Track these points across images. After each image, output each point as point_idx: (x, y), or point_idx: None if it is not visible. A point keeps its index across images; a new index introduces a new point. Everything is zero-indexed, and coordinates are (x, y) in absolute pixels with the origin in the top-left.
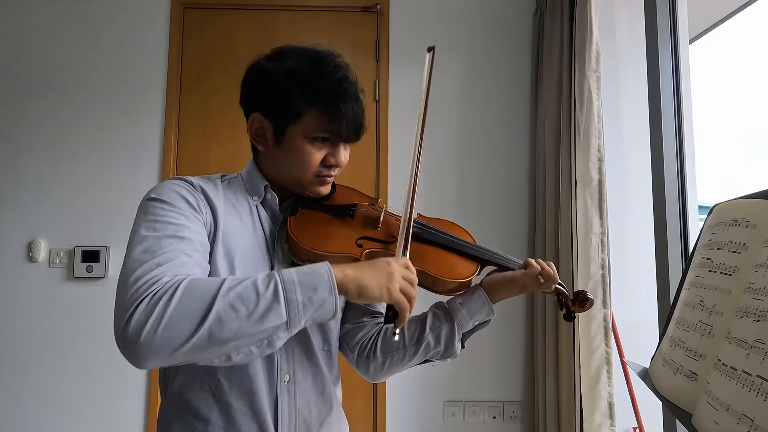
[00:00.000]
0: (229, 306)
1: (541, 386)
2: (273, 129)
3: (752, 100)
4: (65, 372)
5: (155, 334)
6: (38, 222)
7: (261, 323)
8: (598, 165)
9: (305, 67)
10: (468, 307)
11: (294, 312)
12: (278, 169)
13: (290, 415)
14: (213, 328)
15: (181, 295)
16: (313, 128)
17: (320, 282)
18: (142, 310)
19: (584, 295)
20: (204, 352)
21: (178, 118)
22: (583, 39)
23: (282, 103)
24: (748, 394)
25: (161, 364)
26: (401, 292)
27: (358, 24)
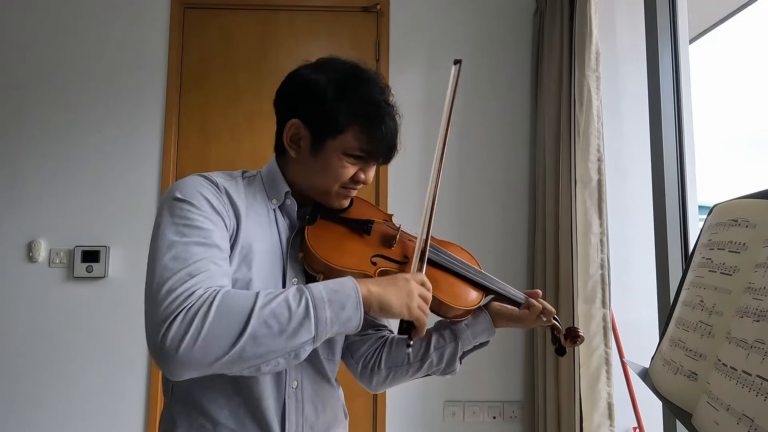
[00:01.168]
0: (264, 323)
1: (541, 386)
2: (311, 138)
3: (752, 100)
4: (65, 372)
5: (192, 350)
6: (38, 222)
7: (292, 339)
8: (598, 165)
9: (353, 84)
10: (473, 329)
11: (322, 328)
12: (306, 177)
13: (297, 421)
14: (247, 345)
15: (217, 310)
16: (351, 146)
17: (348, 300)
18: (178, 323)
19: (575, 332)
20: (236, 366)
21: (178, 118)
22: (583, 39)
23: (326, 116)
24: (748, 394)
25: (195, 375)
26: (418, 308)
27: (358, 24)
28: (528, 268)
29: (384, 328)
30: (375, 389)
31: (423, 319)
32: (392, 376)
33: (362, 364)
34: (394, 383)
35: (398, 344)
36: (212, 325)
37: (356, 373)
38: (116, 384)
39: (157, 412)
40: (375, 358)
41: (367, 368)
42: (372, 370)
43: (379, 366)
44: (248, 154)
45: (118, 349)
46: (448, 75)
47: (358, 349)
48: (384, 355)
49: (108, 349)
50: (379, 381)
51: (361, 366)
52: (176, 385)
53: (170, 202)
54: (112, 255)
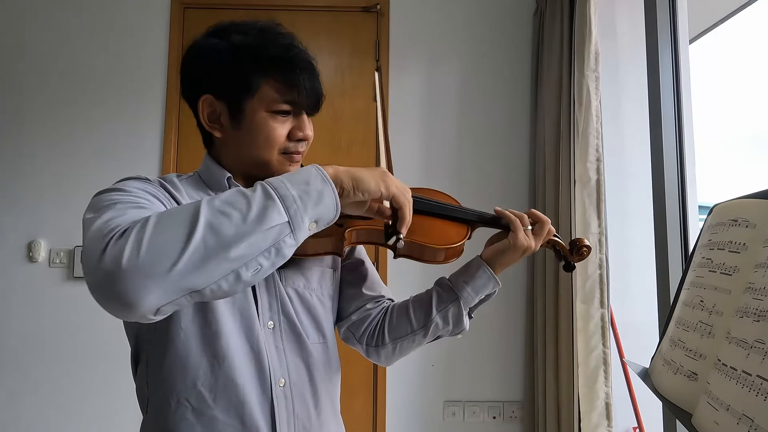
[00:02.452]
0: (218, 211)
1: (541, 386)
2: (228, 109)
3: (752, 100)
4: (65, 372)
5: (138, 258)
6: (38, 222)
7: (260, 223)
8: (597, 165)
9: (252, 38)
10: (473, 284)
11: (293, 208)
12: (241, 154)
13: (289, 423)
14: (206, 237)
15: (158, 217)
16: (272, 99)
17: (310, 175)
18: (115, 240)
19: (581, 242)
20: (203, 269)
21: (178, 118)
22: (583, 39)
23: (234, 79)
24: (748, 394)
25: (157, 296)
26: (397, 187)
27: (358, 24)
28: (527, 267)
29: (382, 299)
30: (387, 363)
31: (402, 197)
32: (399, 347)
33: (366, 341)
34: (404, 353)
35: (399, 315)
36: (155, 227)
37: (363, 351)
38: (116, 384)
39: None
40: (378, 332)
41: (372, 344)
42: (377, 345)
43: (383, 340)
44: None
45: (118, 349)
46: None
47: (360, 327)
48: (387, 328)
49: (108, 349)
50: (387, 354)
51: (366, 343)
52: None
53: (93, 199)
54: None
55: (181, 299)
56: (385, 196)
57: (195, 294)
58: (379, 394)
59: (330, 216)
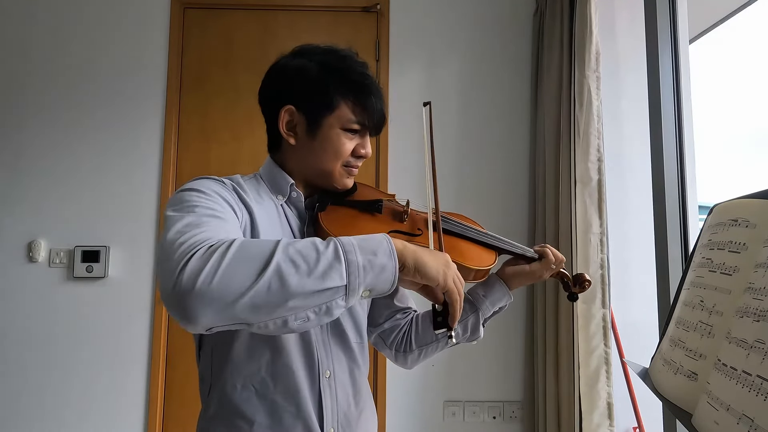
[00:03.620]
0: (289, 259)
1: (541, 386)
2: (307, 121)
3: (752, 99)
4: (65, 372)
5: (211, 283)
6: (38, 222)
7: (322, 281)
8: (598, 165)
9: (335, 61)
10: (491, 297)
11: (354, 275)
12: (308, 162)
13: (333, 410)
14: (272, 282)
15: (238, 248)
16: (347, 119)
17: (379, 247)
18: (197, 259)
19: (583, 277)
20: (260, 310)
21: (178, 118)
22: (583, 39)
23: (317, 95)
24: (748, 394)
25: (214, 320)
26: (454, 281)
27: (358, 24)
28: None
29: (409, 310)
30: (411, 366)
31: (455, 293)
32: (424, 353)
33: (395, 348)
34: (427, 357)
35: (424, 323)
36: (233, 259)
37: (391, 357)
38: (116, 384)
39: (157, 411)
40: (406, 340)
41: (400, 350)
42: (405, 351)
43: (410, 347)
44: (248, 154)
45: (118, 349)
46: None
47: (390, 335)
48: (413, 336)
49: (108, 349)
50: (413, 359)
51: (395, 350)
52: (212, 389)
53: (177, 195)
54: (112, 255)
55: (232, 325)
56: (442, 287)
57: (244, 325)
58: (379, 394)
59: (385, 289)
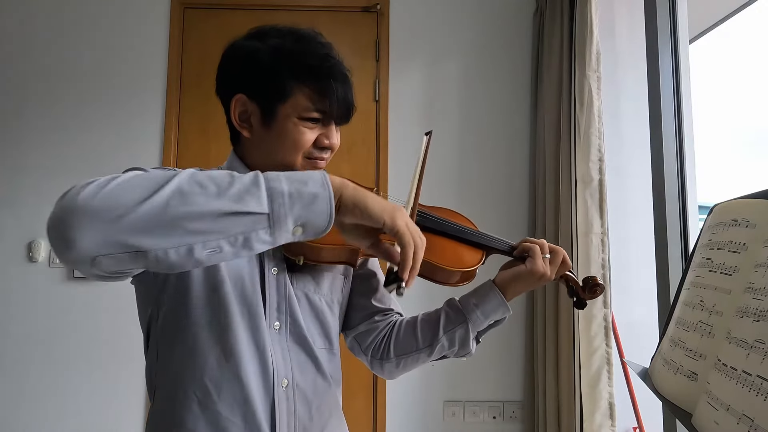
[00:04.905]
0: (195, 182)
1: (541, 386)
2: (260, 111)
3: (752, 100)
4: (65, 372)
5: (93, 198)
6: (38, 222)
7: (235, 204)
8: (599, 165)
9: (291, 44)
10: (483, 307)
11: (279, 203)
12: (266, 155)
13: (289, 424)
14: (170, 200)
15: (132, 175)
16: (304, 107)
17: (310, 177)
18: (84, 184)
19: (594, 281)
20: (154, 231)
21: (178, 117)
22: (584, 39)
23: (270, 82)
24: (748, 394)
25: (96, 241)
26: (406, 224)
27: (358, 24)
28: None
29: (391, 312)
30: (390, 376)
31: (409, 237)
32: (403, 364)
33: (372, 354)
34: (408, 369)
35: (406, 331)
36: (129, 179)
37: (367, 363)
38: (116, 384)
39: None
40: (384, 346)
41: (377, 357)
42: (382, 359)
43: (388, 354)
44: None
45: (118, 349)
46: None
47: (366, 339)
48: (392, 343)
49: (108, 349)
50: (391, 368)
51: (371, 355)
52: (156, 394)
53: None
54: None
55: (122, 255)
56: (388, 227)
57: (139, 256)
58: (379, 394)
59: (321, 224)
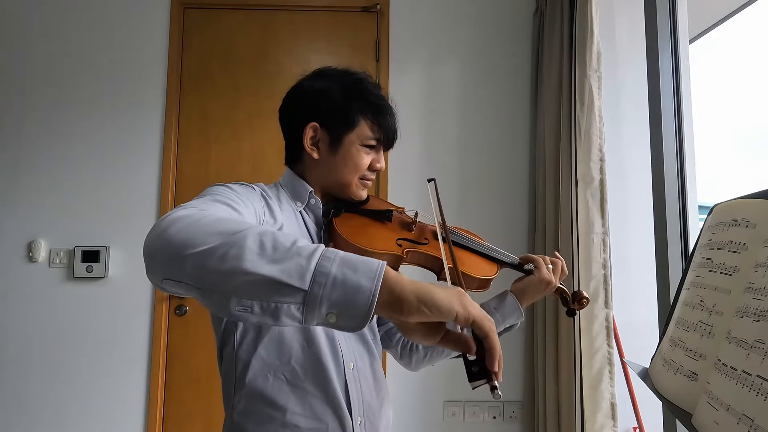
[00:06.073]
0: (259, 239)
1: (541, 386)
2: (329, 138)
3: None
4: (65, 371)
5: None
6: (38, 222)
7: (279, 272)
8: (600, 165)
9: (354, 83)
10: (502, 311)
11: (320, 284)
12: (328, 175)
13: (358, 399)
14: (230, 250)
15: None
16: (366, 136)
17: (364, 266)
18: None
19: (581, 294)
20: (208, 274)
21: (178, 118)
22: (584, 39)
23: (340, 114)
24: (748, 394)
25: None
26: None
27: (358, 24)
28: None
29: None
30: (415, 368)
31: (488, 323)
32: (430, 355)
33: (401, 346)
34: (433, 361)
35: None
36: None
37: (397, 356)
38: (116, 384)
39: (157, 411)
40: None
41: (406, 349)
42: (411, 351)
43: (417, 347)
44: (248, 154)
45: (118, 349)
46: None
47: (397, 333)
48: None
49: (108, 349)
50: (418, 360)
51: (401, 348)
52: (238, 381)
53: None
54: (112, 255)
55: (182, 285)
56: (463, 318)
57: (191, 290)
58: None
59: (354, 319)
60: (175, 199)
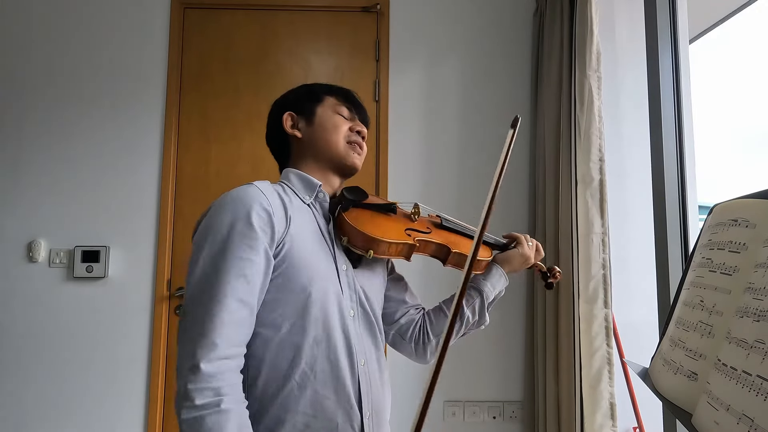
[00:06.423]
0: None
1: (541, 386)
2: (305, 115)
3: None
4: (65, 372)
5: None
6: (38, 222)
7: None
8: (599, 165)
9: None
10: (491, 280)
11: None
12: (316, 147)
13: (368, 394)
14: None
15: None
16: (335, 105)
17: None
18: (197, 403)
19: (553, 269)
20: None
21: (178, 118)
22: (584, 39)
23: (308, 96)
24: (748, 394)
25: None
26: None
27: (358, 24)
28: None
29: (420, 306)
30: (430, 359)
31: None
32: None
33: (414, 341)
34: None
35: (437, 315)
36: (212, 425)
37: (411, 351)
38: (116, 384)
39: (157, 411)
40: (423, 332)
41: (420, 343)
42: (424, 343)
43: (428, 337)
44: (248, 154)
45: (118, 349)
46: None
47: (407, 330)
48: (429, 327)
49: (108, 349)
50: (431, 350)
51: (414, 343)
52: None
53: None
54: (112, 255)
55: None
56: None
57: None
58: None
59: None
60: (175, 198)
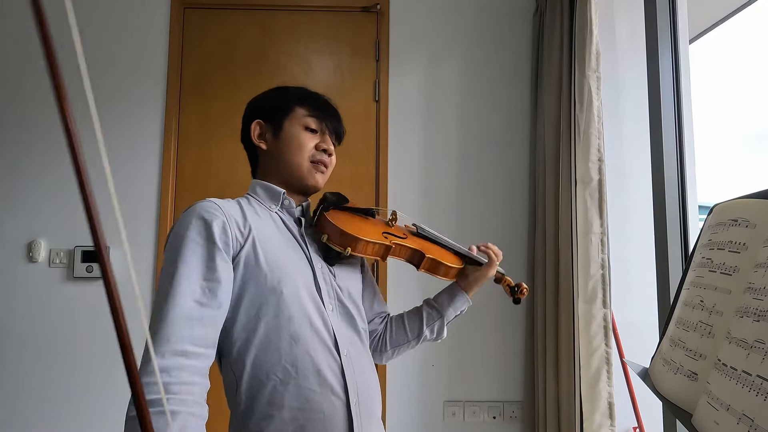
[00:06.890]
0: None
1: (541, 386)
2: (272, 127)
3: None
4: (65, 372)
5: None
6: (38, 222)
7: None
8: (598, 165)
9: (289, 87)
10: (454, 305)
11: None
12: (279, 162)
13: (353, 384)
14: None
15: None
16: (304, 119)
17: None
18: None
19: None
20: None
21: (178, 118)
22: (583, 39)
23: (276, 106)
24: (748, 394)
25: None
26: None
27: (358, 24)
28: (528, 268)
29: (385, 313)
30: (385, 362)
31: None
32: (397, 352)
33: (372, 348)
34: (399, 355)
35: (397, 328)
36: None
37: None
38: (116, 384)
39: None
40: (381, 341)
41: (377, 350)
42: (381, 351)
43: (385, 347)
44: None
45: (118, 349)
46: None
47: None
48: (388, 338)
49: (108, 350)
50: (387, 357)
51: (372, 349)
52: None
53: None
54: (112, 255)
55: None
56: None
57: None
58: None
59: None
60: (175, 199)
